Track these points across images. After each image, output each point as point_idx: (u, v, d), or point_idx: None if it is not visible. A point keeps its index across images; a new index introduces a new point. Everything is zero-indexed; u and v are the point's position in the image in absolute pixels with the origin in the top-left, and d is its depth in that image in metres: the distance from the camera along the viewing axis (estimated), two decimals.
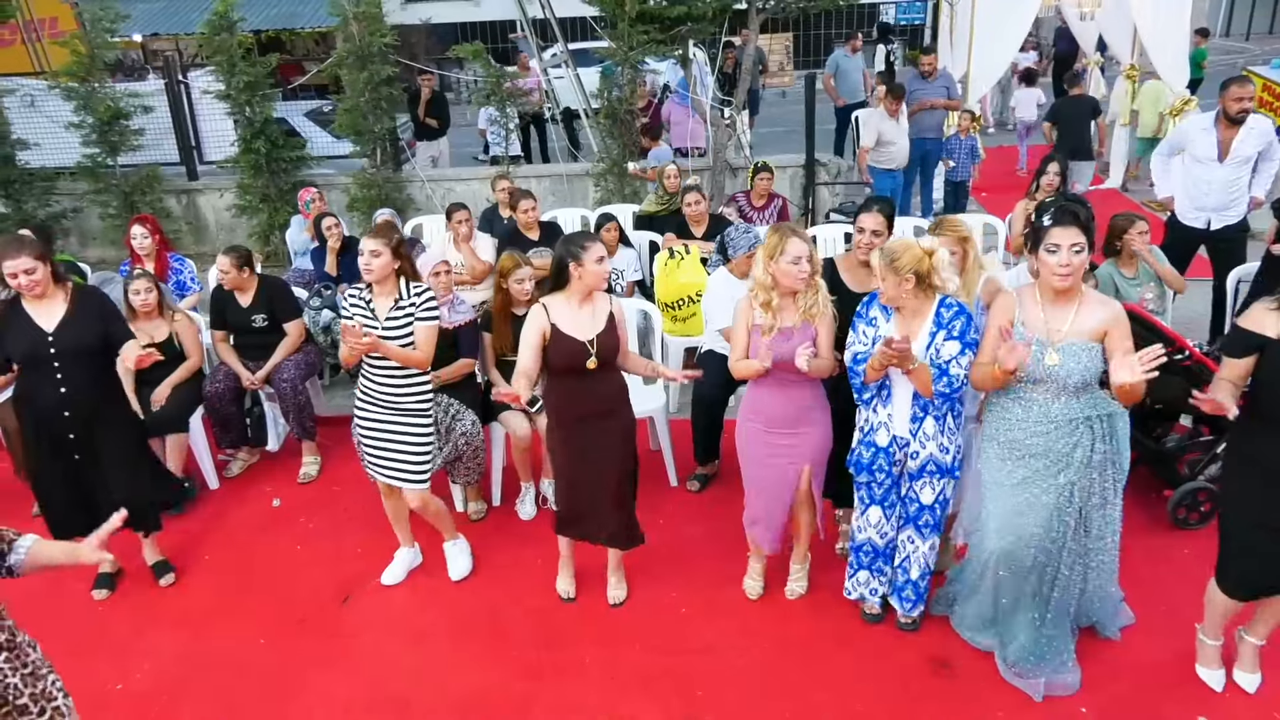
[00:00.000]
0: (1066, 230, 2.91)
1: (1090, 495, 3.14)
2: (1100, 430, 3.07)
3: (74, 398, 3.68)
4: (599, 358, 3.45)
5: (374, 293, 3.76)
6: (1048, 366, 2.99)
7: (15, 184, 8.72)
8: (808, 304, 3.35)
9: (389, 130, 8.66)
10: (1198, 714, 3.16)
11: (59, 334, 3.65)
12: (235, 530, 4.71)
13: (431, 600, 4.04)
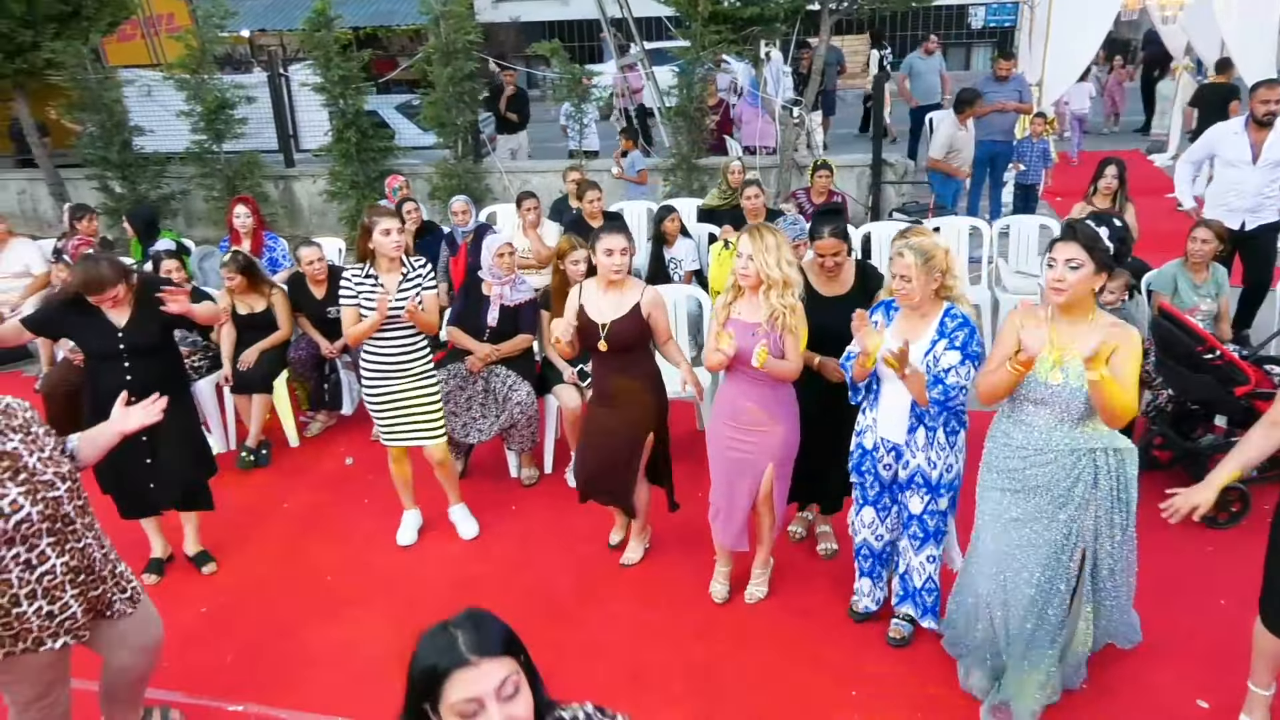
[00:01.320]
0: (1066, 245, 2.84)
1: (1098, 536, 3.04)
2: (1106, 466, 2.95)
3: (140, 387, 3.61)
4: (607, 341, 3.70)
5: (380, 270, 4.07)
6: (1050, 386, 2.88)
7: (131, 167, 9.46)
8: (776, 305, 3.37)
9: (470, 123, 9.12)
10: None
11: (128, 331, 3.85)
12: (311, 483, 5.16)
13: (480, 554, 4.39)
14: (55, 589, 2.61)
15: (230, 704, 3.49)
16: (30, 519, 2.51)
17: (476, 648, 1.48)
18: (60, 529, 2.61)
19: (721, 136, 9.68)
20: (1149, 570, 3.84)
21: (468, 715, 1.44)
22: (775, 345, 3.40)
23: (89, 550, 2.72)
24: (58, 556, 2.61)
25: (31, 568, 2.55)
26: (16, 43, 8.82)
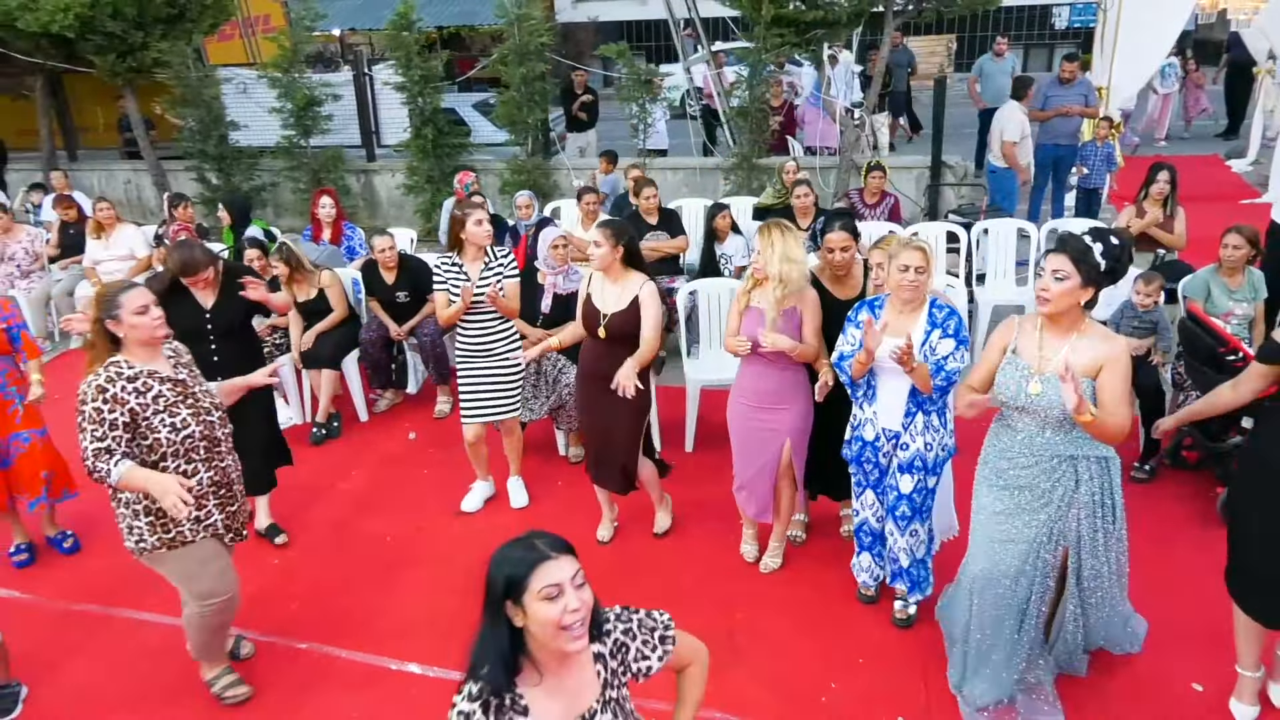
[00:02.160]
0: (1055, 256, 2.92)
1: (1079, 539, 3.11)
2: (1088, 472, 3.03)
3: (223, 368, 4.06)
4: (606, 329, 4.00)
5: (466, 259, 4.47)
6: (1030, 395, 2.96)
7: (226, 159, 10.12)
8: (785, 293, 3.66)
9: (540, 121, 9.50)
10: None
11: (214, 312, 4.26)
12: (377, 455, 5.58)
13: (526, 524, 4.69)
14: (201, 498, 3.19)
15: (298, 642, 3.91)
16: (193, 436, 3.13)
17: (553, 547, 1.85)
18: (210, 448, 3.22)
19: (784, 137, 9.86)
20: (1150, 558, 4.02)
21: (551, 597, 1.78)
22: (790, 332, 3.67)
23: (229, 470, 3.33)
24: (206, 470, 3.21)
25: (191, 474, 3.15)
26: (128, 43, 9.53)
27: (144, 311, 3.07)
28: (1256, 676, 3.23)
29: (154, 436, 3.06)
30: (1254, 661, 3.21)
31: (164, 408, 3.08)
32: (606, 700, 1.92)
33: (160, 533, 3.15)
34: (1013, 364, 3.03)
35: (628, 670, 2.00)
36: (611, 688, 1.94)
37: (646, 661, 2.03)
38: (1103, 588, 3.20)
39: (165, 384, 3.11)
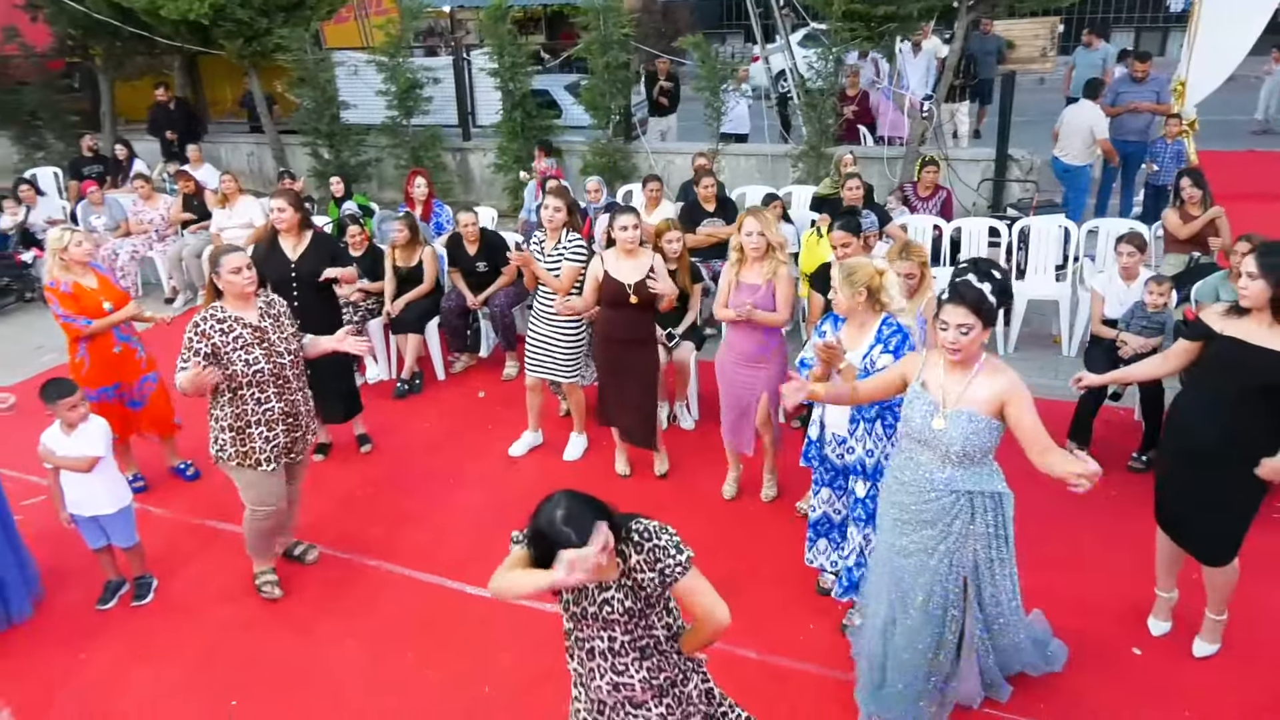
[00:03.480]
0: (955, 309, 2.94)
1: (978, 567, 3.20)
2: (983, 507, 3.11)
3: (303, 311, 4.75)
4: (636, 294, 4.68)
5: (547, 237, 5.18)
6: (934, 430, 3.05)
7: (336, 136, 11.05)
8: (770, 268, 4.36)
9: (622, 107, 10.08)
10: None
11: (299, 264, 5.19)
12: (450, 410, 6.34)
13: (571, 471, 5.42)
14: (273, 422, 4.02)
15: (367, 559, 4.68)
16: (263, 372, 3.94)
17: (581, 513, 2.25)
18: (280, 383, 4.02)
19: (856, 126, 10.17)
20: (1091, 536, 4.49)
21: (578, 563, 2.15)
22: (766, 303, 4.33)
23: (298, 404, 4.12)
24: (277, 401, 4.03)
25: (260, 404, 3.98)
26: (254, 29, 10.50)
27: (237, 271, 3.92)
28: (1169, 596, 3.91)
29: (232, 368, 3.89)
30: (1169, 584, 3.88)
31: (240, 346, 3.91)
32: (620, 584, 2.39)
33: (237, 447, 4.00)
34: (921, 398, 3.11)
35: (638, 574, 2.38)
36: (627, 578, 2.37)
37: (645, 575, 2.38)
38: (1004, 614, 3.34)
39: (247, 329, 3.94)
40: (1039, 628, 3.77)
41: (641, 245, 4.89)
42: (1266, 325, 3.36)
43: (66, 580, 4.55)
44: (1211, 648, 3.82)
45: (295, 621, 4.27)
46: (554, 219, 5.11)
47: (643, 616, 2.44)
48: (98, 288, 5.05)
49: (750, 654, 3.92)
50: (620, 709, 2.56)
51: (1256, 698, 3.58)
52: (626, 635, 2.44)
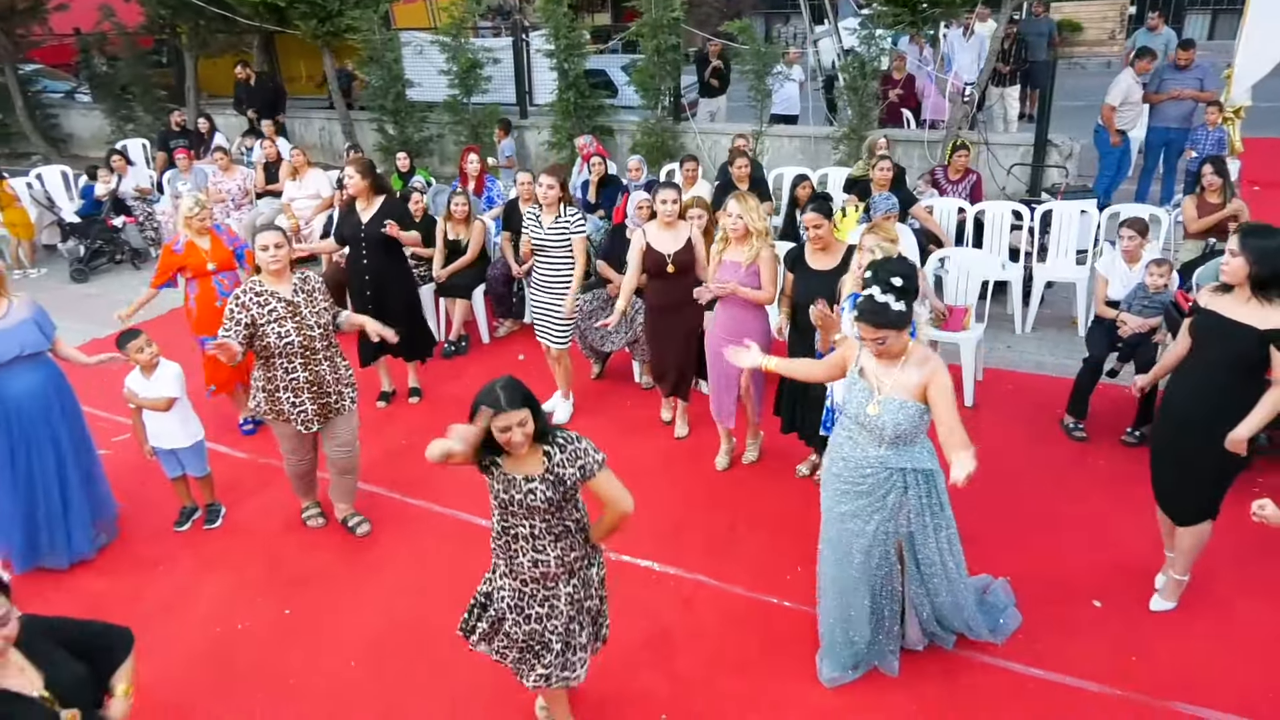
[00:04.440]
0: (865, 329, 3.24)
1: (912, 537, 3.51)
2: (914, 483, 3.40)
3: (373, 268, 5.78)
4: (674, 264, 5.07)
5: (543, 212, 5.62)
6: (869, 415, 3.33)
7: (402, 113, 11.65)
8: (753, 250, 4.71)
9: (671, 88, 10.45)
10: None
11: (369, 225, 5.76)
12: (492, 370, 6.69)
13: (587, 429, 5.86)
14: (298, 389, 4.48)
15: (410, 498, 5.23)
16: (293, 344, 4.38)
17: (510, 403, 2.80)
18: (307, 355, 4.45)
19: (900, 109, 10.37)
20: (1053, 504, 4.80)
21: (504, 430, 2.80)
22: (749, 282, 4.69)
23: (321, 373, 4.52)
24: (303, 371, 4.46)
25: (288, 372, 4.45)
26: (327, 10, 11.14)
27: (265, 249, 4.37)
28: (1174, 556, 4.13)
29: (265, 340, 4.35)
30: (1184, 569, 4.06)
31: (274, 320, 4.34)
32: (544, 477, 2.93)
33: (269, 405, 4.53)
34: (858, 385, 3.40)
35: (559, 470, 2.94)
36: (550, 473, 2.93)
37: (567, 471, 2.94)
38: (939, 572, 3.59)
39: (281, 303, 4.37)
40: (1001, 595, 4.05)
41: (682, 219, 5.35)
42: (1244, 301, 3.61)
43: (149, 506, 5.19)
44: (1168, 604, 4.11)
45: (346, 547, 4.84)
46: (548, 195, 5.57)
47: (559, 508, 2.99)
48: (209, 249, 5.77)
49: (738, 590, 4.36)
50: (539, 587, 3.10)
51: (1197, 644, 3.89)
52: (543, 523, 3.00)
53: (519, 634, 3.19)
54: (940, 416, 3.21)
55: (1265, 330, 3.51)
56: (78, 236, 9.55)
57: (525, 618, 3.16)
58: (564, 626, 3.16)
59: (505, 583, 3.18)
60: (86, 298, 8.77)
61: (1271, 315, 3.52)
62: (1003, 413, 5.86)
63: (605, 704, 3.73)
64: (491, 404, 2.81)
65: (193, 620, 4.33)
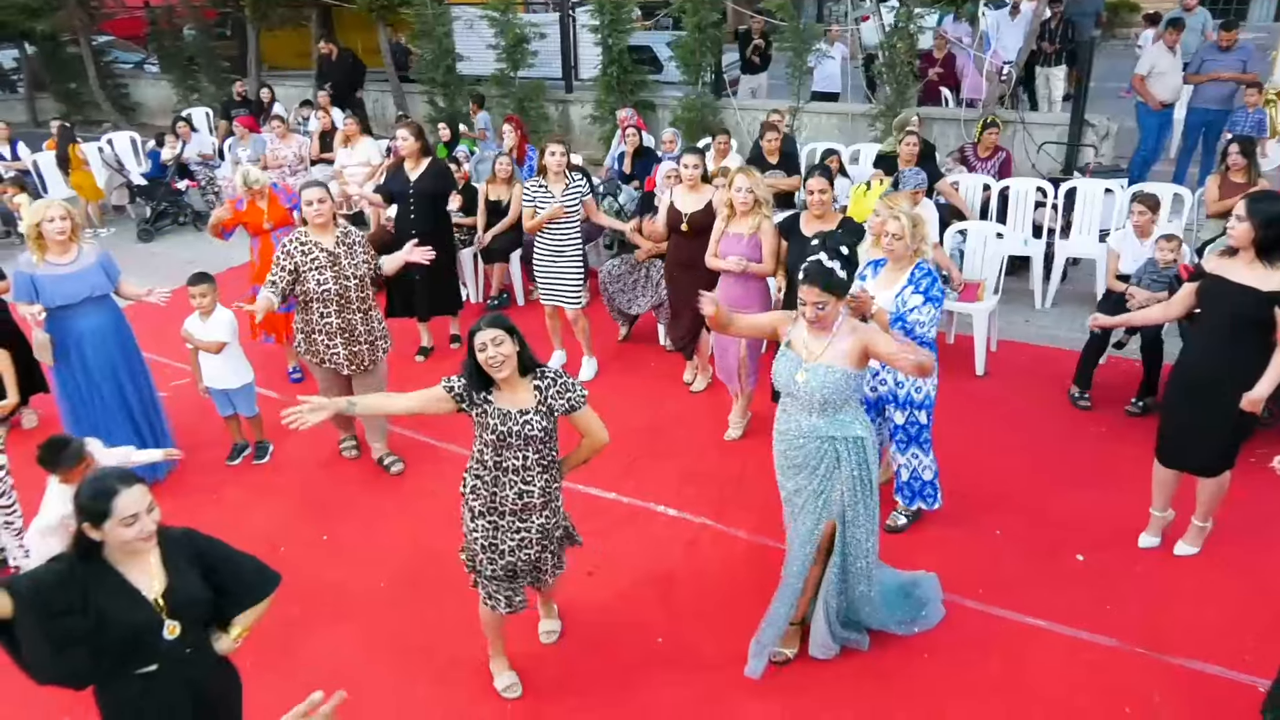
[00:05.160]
0: (810, 290, 3.35)
1: (844, 512, 3.56)
2: (847, 451, 3.49)
3: (418, 223, 6.17)
4: (688, 224, 5.37)
5: (550, 181, 5.90)
6: (798, 383, 3.45)
7: (450, 86, 12.01)
8: (755, 222, 4.94)
9: (712, 64, 10.65)
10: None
11: (417, 183, 6.20)
12: (525, 328, 7.17)
13: (597, 392, 6.19)
14: (330, 334, 4.89)
15: (438, 441, 5.60)
16: (329, 291, 4.78)
17: (488, 324, 3.12)
18: (341, 302, 4.85)
19: (938, 88, 10.44)
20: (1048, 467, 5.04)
21: (481, 349, 3.09)
22: (751, 253, 4.94)
23: (354, 322, 4.92)
24: (335, 316, 4.86)
25: (323, 317, 4.86)
26: None
27: (310, 204, 4.79)
28: (1163, 516, 4.36)
29: (305, 285, 4.77)
30: (1163, 503, 4.33)
31: (315, 267, 4.76)
32: (537, 409, 3.22)
33: (307, 346, 4.97)
34: (786, 356, 3.52)
35: (549, 401, 3.24)
36: (542, 404, 3.22)
37: (558, 403, 3.25)
38: (862, 558, 3.67)
39: (324, 253, 4.78)
40: (930, 590, 4.08)
41: (706, 183, 5.64)
42: (1248, 264, 3.79)
43: (204, 442, 5.63)
44: (1192, 549, 4.34)
45: (380, 484, 5.25)
46: (559, 163, 5.88)
47: (549, 438, 3.29)
48: (266, 209, 6.26)
49: (740, 534, 4.67)
50: (513, 520, 3.33)
51: (1170, 598, 4.09)
52: (536, 454, 3.26)
53: (497, 569, 3.41)
54: (883, 345, 3.40)
55: (1268, 291, 3.70)
56: (144, 198, 10.12)
57: (499, 553, 3.38)
58: (535, 555, 3.43)
59: (479, 524, 3.37)
60: (151, 256, 9.32)
61: (1274, 277, 3.70)
62: (1012, 382, 6.04)
63: (605, 629, 4.07)
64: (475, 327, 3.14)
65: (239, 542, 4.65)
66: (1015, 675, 3.73)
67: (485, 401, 3.23)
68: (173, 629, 2.44)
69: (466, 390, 3.22)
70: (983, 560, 4.40)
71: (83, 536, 2.37)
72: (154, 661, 2.40)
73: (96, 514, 2.32)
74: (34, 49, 15.75)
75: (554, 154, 5.89)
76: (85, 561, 2.37)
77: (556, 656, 3.94)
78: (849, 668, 3.79)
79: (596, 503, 4.96)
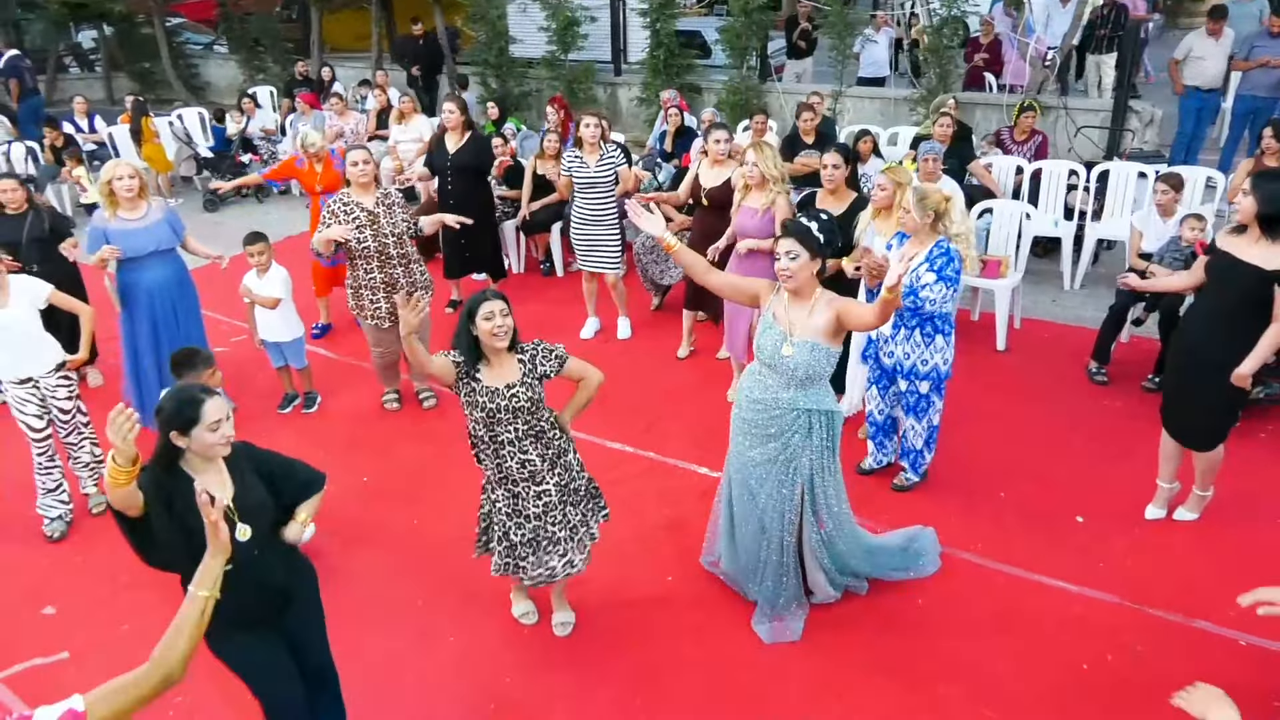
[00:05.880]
0: (784, 240, 3.50)
1: (812, 481, 3.68)
2: (817, 423, 3.60)
3: (456, 192, 6.56)
4: (707, 197, 5.60)
5: (585, 152, 6.17)
6: (783, 356, 3.51)
7: (504, 68, 12.35)
8: (769, 197, 5.14)
9: (757, 48, 10.81)
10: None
11: (455, 156, 6.54)
12: (556, 298, 7.53)
13: (629, 351, 6.46)
14: (374, 288, 5.25)
15: None
16: (369, 248, 5.14)
17: (494, 295, 3.36)
18: (381, 258, 5.20)
19: (982, 74, 10.47)
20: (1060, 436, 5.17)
21: (488, 318, 3.28)
22: (765, 227, 5.13)
23: (395, 275, 5.27)
24: (378, 271, 5.23)
25: (367, 273, 5.21)
26: None
27: (354, 164, 5.14)
28: (1169, 487, 4.47)
29: (348, 244, 5.11)
30: (1169, 475, 4.43)
31: (355, 226, 5.11)
32: (524, 381, 3.37)
33: (355, 303, 5.32)
34: (771, 328, 3.59)
35: (538, 369, 3.42)
36: (530, 377, 3.39)
37: (545, 368, 3.42)
38: (836, 514, 3.81)
39: (364, 212, 5.13)
40: (927, 543, 4.25)
41: (730, 158, 5.86)
42: (1254, 241, 3.90)
43: (258, 393, 6.04)
44: (1192, 515, 4.47)
45: (416, 431, 5.61)
46: (593, 135, 6.16)
47: (536, 407, 3.41)
48: (320, 172, 6.71)
49: None
50: (528, 487, 3.48)
51: (1162, 557, 4.23)
52: (525, 424, 3.39)
53: (524, 535, 3.54)
54: (859, 314, 3.48)
55: (1270, 270, 3.80)
56: (210, 171, 10.64)
57: (525, 517, 3.53)
58: (560, 515, 3.56)
59: (500, 492, 3.53)
60: (216, 225, 9.82)
61: (1277, 255, 3.80)
62: (1032, 357, 6.16)
63: (620, 566, 4.34)
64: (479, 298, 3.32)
65: None
66: (1005, 621, 3.92)
67: (474, 380, 3.35)
68: (244, 532, 2.71)
69: (462, 367, 3.35)
70: (983, 520, 4.57)
71: (168, 446, 2.65)
72: (229, 561, 2.69)
73: (186, 420, 2.61)
74: (111, 30, 16.53)
75: (588, 126, 6.17)
76: (167, 472, 2.67)
77: (571, 585, 4.21)
78: (849, 609, 4.02)
79: (619, 455, 5.25)
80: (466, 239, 6.53)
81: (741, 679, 3.69)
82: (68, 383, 4.64)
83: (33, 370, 4.51)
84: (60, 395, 4.61)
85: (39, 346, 4.54)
